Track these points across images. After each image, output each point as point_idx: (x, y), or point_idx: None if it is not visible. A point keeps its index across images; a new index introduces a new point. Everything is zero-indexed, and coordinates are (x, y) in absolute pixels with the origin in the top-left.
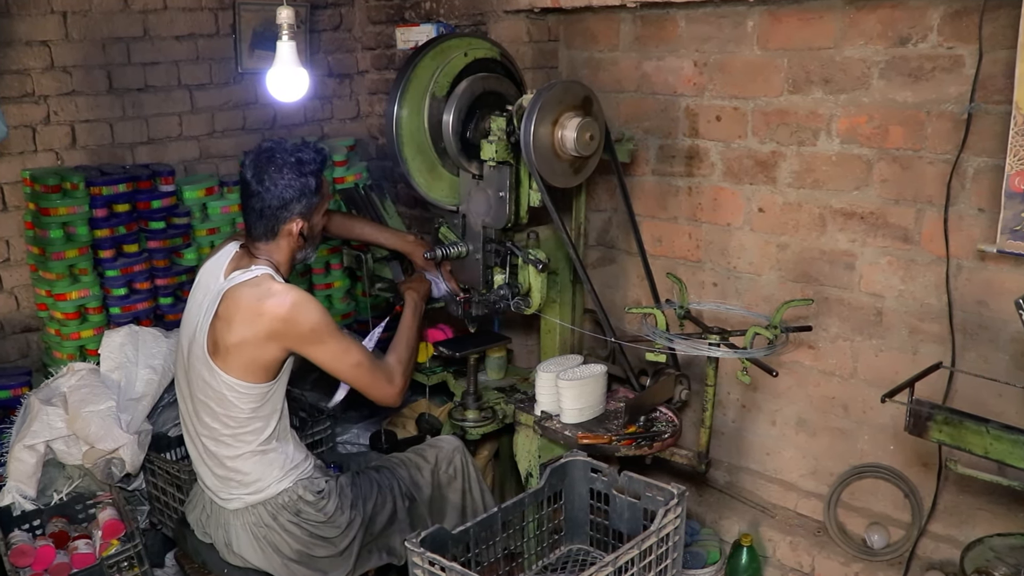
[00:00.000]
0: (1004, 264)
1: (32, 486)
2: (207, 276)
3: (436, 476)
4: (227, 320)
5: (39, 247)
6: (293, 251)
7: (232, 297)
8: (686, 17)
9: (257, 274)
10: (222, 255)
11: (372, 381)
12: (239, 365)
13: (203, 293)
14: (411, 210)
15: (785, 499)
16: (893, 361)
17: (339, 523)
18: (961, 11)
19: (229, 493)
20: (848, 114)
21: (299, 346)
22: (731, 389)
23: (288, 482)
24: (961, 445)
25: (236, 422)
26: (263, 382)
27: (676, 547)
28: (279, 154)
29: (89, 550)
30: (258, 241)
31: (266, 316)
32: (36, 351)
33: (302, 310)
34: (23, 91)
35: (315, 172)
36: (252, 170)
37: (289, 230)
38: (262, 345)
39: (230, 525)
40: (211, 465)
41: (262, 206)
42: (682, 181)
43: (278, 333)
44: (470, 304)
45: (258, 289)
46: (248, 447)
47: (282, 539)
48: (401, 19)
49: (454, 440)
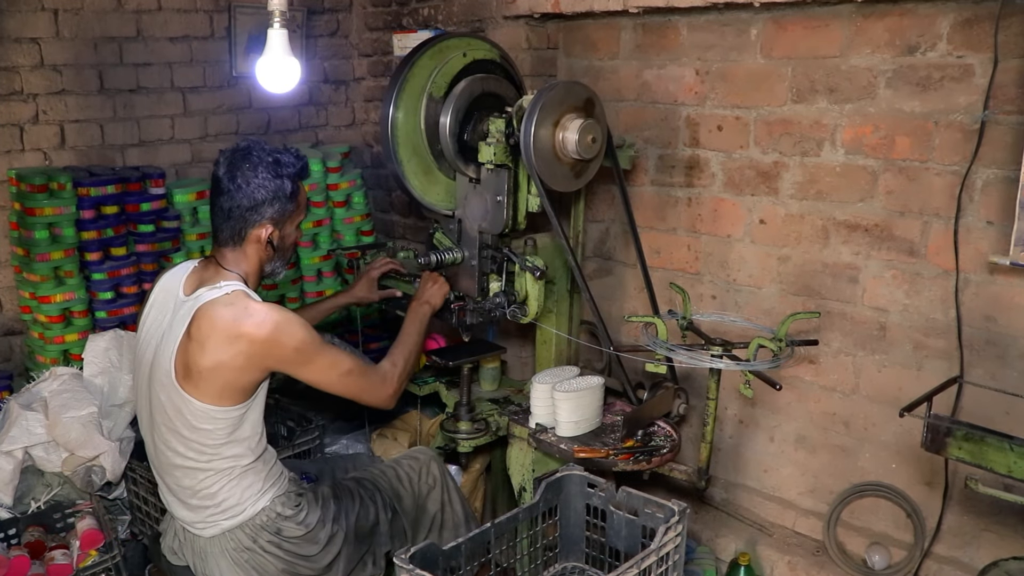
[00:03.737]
0: (1015, 278)
1: (9, 494)
2: (163, 295)
3: (416, 486)
4: (200, 342)
5: (24, 248)
6: (261, 261)
7: (205, 316)
8: (688, 25)
9: (229, 291)
10: (178, 271)
11: (364, 386)
12: (214, 390)
13: (160, 313)
14: (405, 218)
15: (783, 517)
16: (897, 377)
17: (319, 538)
18: (972, 19)
19: (204, 521)
20: (853, 124)
21: (284, 367)
22: (729, 404)
23: (266, 500)
24: (982, 463)
25: (211, 448)
26: (239, 403)
27: (676, 566)
28: (256, 153)
29: (66, 561)
30: (224, 247)
31: (245, 338)
32: (19, 355)
33: (285, 331)
34: (11, 88)
35: (292, 176)
36: (225, 167)
37: (257, 236)
38: (241, 369)
39: (207, 554)
40: (183, 496)
41: (231, 205)
42: (682, 191)
43: (259, 355)
44: (465, 312)
45: (234, 308)
46: (224, 473)
47: (266, 560)
48: (399, 25)
49: (427, 450)
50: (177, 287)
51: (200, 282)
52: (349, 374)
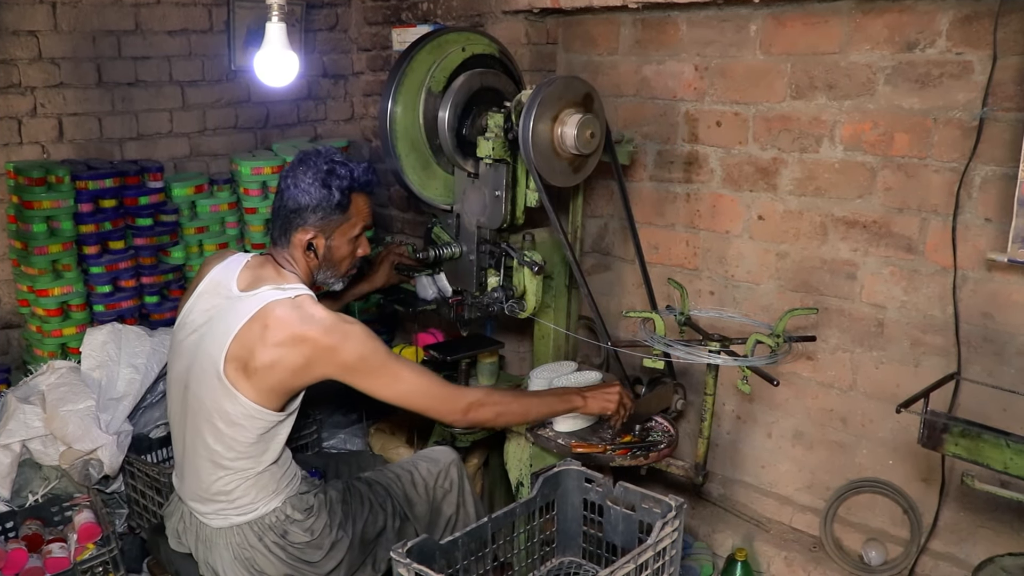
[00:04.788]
0: (1012, 275)
1: (6, 487)
2: (213, 286)
3: (432, 491)
4: (263, 339)
5: (21, 241)
6: (310, 267)
7: (272, 315)
8: (688, 20)
9: (294, 295)
10: (230, 264)
11: (434, 402)
12: (263, 388)
13: (211, 304)
14: (403, 213)
15: (780, 513)
16: (894, 373)
17: (323, 545)
18: (971, 16)
19: (215, 513)
20: (852, 120)
21: (345, 375)
22: (727, 400)
23: (278, 500)
24: (978, 459)
25: (242, 446)
26: (278, 411)
27: (673, 561)
28: (315, 159)
29: (64, 554)
30: (276, 246)
31: (310, 342)
32: (16, 348)
33: (352, 339)
34: (9, 81)
35: (342, 188)
36: (289, 168)
37: (300, 240)
38: (297, 371)
39: (212, 543)
40: (198, 489)
41: (279, 205)
42: (680, 187)
43: (321, 360)
44: (463, 307)
45: (301, 312)
46: (245, 472)
47: (268, 561)
48: (398, 20)
49: (451, 452)
50: (230, 281)
51: (258, 279)
52: (423, 389)
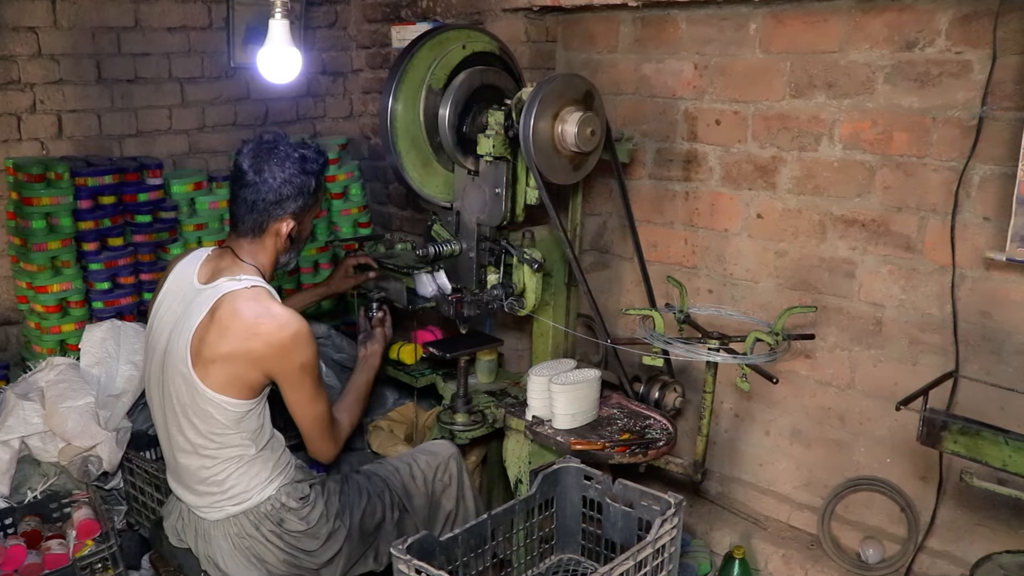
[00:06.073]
0: (1011, 273)
1: (5, 483)
2: (176, 282)
3: (430, 484)
4: (220, 330)
5: (21, 238)
6: (277, 253)
7: (228, 306)
8: (687, 19)
9: (249, 285)
10: (191, 259)
11: (321, 437)
12: (223, 379)
13: (175, 300)
14: (402, 210)
15: (778, 511)
16: (892, 372)
17: (320, 534)
18: (970, 15)
19: (210, 506)
20: (851, 119)
21: (280, 377)
22: (725, 398)
23: (272, 488)
24: (977, 457)
25: (219, 436)
26: (246, 399)
27: (671, 559)
28: (282, 147)
29: (63, 550)
30: (243, 238)
31: (261, 339)
32: (15, 345)
33: (300, 345)
34: (8, 78)
35: (316, 173)
36: (250, 159)
37: (277, 229)
38: (248, 365)
39: (211, 536)
40: (191, 482)
41: (256, 198)
42: (679, 185)
43: (267, 360)
44: (462, 304)
45: (257, 305)
46: (232, 461)
47: (266, 549)
48: (397, 17)
49: (450, 446)
50: (191, 275)
51: (216, 271)
52: (318, 419)
